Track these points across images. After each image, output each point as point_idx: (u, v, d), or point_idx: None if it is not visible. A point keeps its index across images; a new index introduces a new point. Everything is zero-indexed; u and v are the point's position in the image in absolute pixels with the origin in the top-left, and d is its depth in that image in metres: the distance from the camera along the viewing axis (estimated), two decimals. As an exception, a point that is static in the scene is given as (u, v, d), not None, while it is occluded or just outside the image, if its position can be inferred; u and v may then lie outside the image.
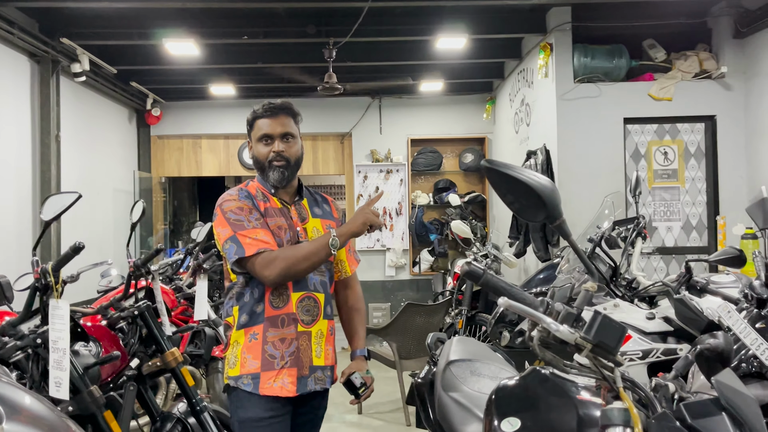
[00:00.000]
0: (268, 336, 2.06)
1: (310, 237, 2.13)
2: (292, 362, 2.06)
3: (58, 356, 2.24)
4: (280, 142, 2.11)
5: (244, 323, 2.09)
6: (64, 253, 2.26)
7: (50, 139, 5.45)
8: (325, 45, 5.75)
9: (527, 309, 1.22)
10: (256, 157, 2.14)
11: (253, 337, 2.07)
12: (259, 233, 2.04)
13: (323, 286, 2.16)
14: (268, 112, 2.12)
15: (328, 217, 2.25)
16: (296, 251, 2.03)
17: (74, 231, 6.01)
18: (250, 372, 2.05)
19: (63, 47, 5.60)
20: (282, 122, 2.12)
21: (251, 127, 2.16)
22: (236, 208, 2.07)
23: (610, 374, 1.27)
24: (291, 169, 2.14)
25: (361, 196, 8.09)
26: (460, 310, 5.59)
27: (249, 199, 2.09)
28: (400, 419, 4.84)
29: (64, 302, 2.26)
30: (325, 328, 2.16)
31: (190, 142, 8.34)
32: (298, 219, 2.16)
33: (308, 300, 2.11)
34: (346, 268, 2.33)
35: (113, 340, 3.15)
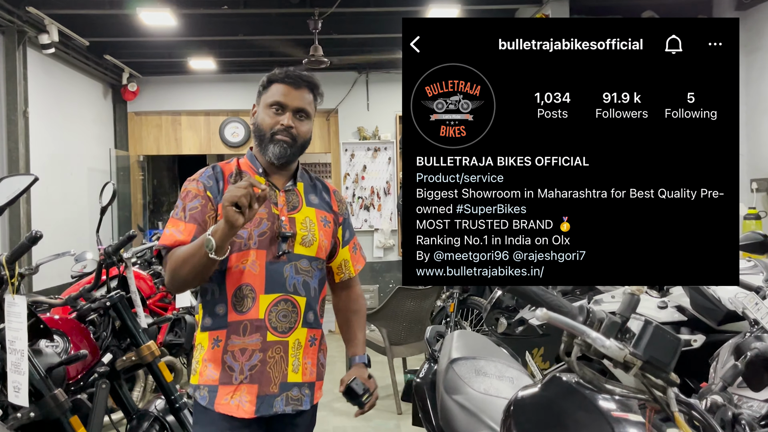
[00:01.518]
0: (230, 344, 1.74)
1: (300, 229, 1.80)
2: (253, 378, 1.73)
3: (15, 358, 2.00)
4: (293, 116, 1.80)
5: (207, 326, 1.78)
6: (20, 243, 2.01)
7: (17, 116, 5.12)
8: (309, 15, 5.45)
9: (569, 322, 1.01)
10: (258, 124, 1.82)
11: (215, 343, 1.76)
12: (179, 225, 1.74)
13: (305, 287, 1.81)
14: (290, 80, 1.81)
15: (326, 209, 1.91)
16: (177, 254, 1.68)
17: (46, 213, 5.71)
18: (207, 383, 1.75)
19: (29, 17, 5.25)
20: (302, 96, 1.82)
21: (264, 89, 1.84)
22: (186, 191, 1.80)
23: (662, 395, 1.07)
24: (295, 149, 1.82)
25: (347, 175, 7.85)
26: (452, 293, 5.40)
27: (210, 181, 1.79)
28: (391, 407, 4.67)
29: (20, 298, 2.01)
30: (304, 338, 1.81)
31: (169, 119, 8.00)
32: (285, 207, 1.82)
33: (284, 304, 1.76)
34: (350, 269, 2.00)
35: (83, 334, 2.91)
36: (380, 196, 7.87)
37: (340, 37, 6.23)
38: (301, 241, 1.79)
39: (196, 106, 7.90)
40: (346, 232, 1.98)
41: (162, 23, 5.57)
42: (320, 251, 1.84)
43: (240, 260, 1.73)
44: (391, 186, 7.87)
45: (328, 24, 5.58)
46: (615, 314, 1.08)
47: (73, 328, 2.88)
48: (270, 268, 1.75)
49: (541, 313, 0.99)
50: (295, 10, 5.48)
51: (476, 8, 5.70)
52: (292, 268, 1.78)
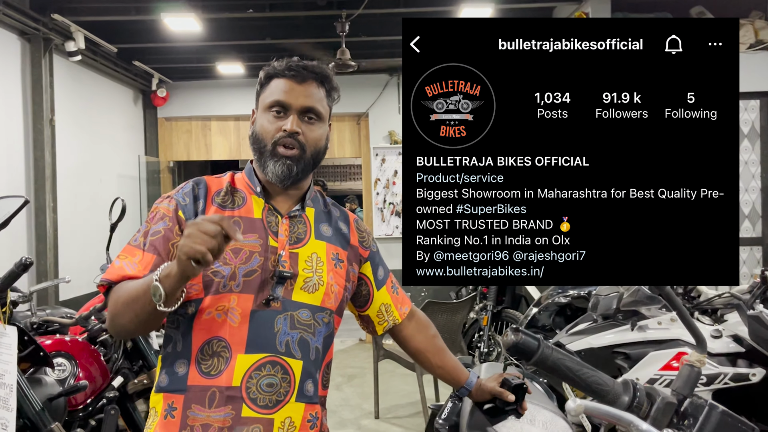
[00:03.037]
0: (189, 417, 1.29)
1: (303, 269, 1.38)
2: None
3: (4, 393, 1.86)
4: (298, 118, 1.39)
5: (163, 386, 1.35)
6: (9, 271, 1.87)
7: (43, 124, 5.08)
8: (337, 18, 5.28)
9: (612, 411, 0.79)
10: (257, 133, 1.42)
11: (170, 413, 1.31)
12: (135, 255, 1.33)
13: (303, 347, 1.36)
14: (292, 72, 1.41)
15: (340, 243, 1.48)
16: (119, 293, 1.28)
17: (73, 221, 5.68)
18: None
19: (55, 24, 5.21)
20: (308, 91, 1.41)
21: (262, 87, 1.46)
22: (155, 210, 1.40)
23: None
24: (303, 164, 1.40)
25: (378, 180, 7.66)
26: (485, 305, 5.18)
27: (187, 198, 1.39)
28: (420, 425, 4.47)
29: (11, 329, 1.88)
30: (300, 417, 1.35)
31: (199, 124, 7.94)
32: (287, 239, 1.40)
33: (271, 368, 1.32)
34: (394, 314, 1.59)
35: (93, 356, 2.78)
36: (412, 201, 7.66)
37: (370, 39, 6.05)
38: (303, 285, 1.37)
39: (226, 111, 7.82)
40: (379, 269, 1.58)
41: (187, 28, 5.47)
42: (327, 299, 1.41)
43: (215, 305, 1.32)
44: (423, 191, 7.65)
45: (356, 26, 5.41)
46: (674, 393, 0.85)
47: (82, 350, 2.76)
48: (255, 318, 1.32)
49: (574, 405, 0.77)
50: (321, 13, 5.33)
51: (511, 7, 5.45)
52: (287, 321, 1.35)
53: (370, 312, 1.59)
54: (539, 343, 0.89)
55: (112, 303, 1.30)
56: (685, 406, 0.87)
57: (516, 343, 0.89)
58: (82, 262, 5.71)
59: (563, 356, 0.91)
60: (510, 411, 1.69)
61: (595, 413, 0.78)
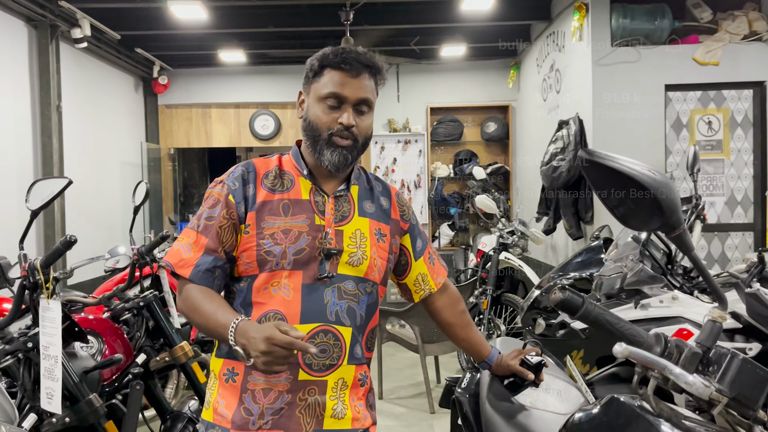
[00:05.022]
0: (250, 382, 1.43)
1: (348, 245, 1.49)
2: (277, 423, 1.42)
3: (49, 364, 1.97)
4: (353, 112, 1.47)
5: (223, 352, 1.48)
6: (55, 248, 1.97)
7: (51, 110, 5.14)
8: (341, 6, 5.35)
9: (651, 357, 0.91)
10: (311, 122, 1.49)
11: (231, 377, 1.46)
12: (190, 236, 1.47)
13: (351, 315, 1.48)
14: (347, 66, 1.45)
15: (382, 219, 1.58)
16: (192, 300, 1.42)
17: (80, 207, 5.75)
18: (221, 425, 1.45)
19: (62, 11, 5.25)
20: (363, 85, 1.47)
21: (315, 75, 1.50)
22: (209, 194, 1.51)
23: (748, 434, 0.96)
24: (357, 152, 1.50)
25: (377, 168, 7.76)
26: (485, 290, 5.29)
27: (237, 182, 1.49)
28: (423, 405, 4.60)
29: (55, 303, 1.97)
30: (351, 377, 1.48)
31: (199, 112, 8.00)
32: (333, 217, 1.50)
33: (324, 335, 1.44)
34: (430, 284, 1.68)
35: (117, 334, 2.88)
36: (411, 189, 7.77)
37: (372, 27, 6.12)
38: (348, 260, 1.48)
39: (226, 99, 7.88)
40: (417, 241, 1.67)
41: (192, 16, 5.52)
42: (371, 271, 1.51)
43: (269, 281, 1.44)
44: (422, 179, 7.76)
45: (359, 15, 5.48)
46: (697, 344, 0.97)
47: (107, 329, 2.86)
48: (307, 292, 1.44)
49: (621, 349, 0.89)
50: (325, 1, 5.40)
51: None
52: (335, 292, 1.46)
53: (407, 281, 1.68)
54: (583, 300, 1.01)
55: (183, 300, 1.45)
56: (710, 356, 0.99)
57: (563, 300, 1.00)
58: (88, 247, 5.78)
59: (603, 311, 1.03)
60: (528, 384, 1.82)
61: (636, 357, 0.90)
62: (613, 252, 3.05)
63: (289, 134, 7.98)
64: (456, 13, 5.84)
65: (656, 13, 4.90)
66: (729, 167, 4.93)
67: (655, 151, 4.83)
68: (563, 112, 5.53)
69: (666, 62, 4.85)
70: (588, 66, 4.91)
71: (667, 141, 4.91)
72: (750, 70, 4.84)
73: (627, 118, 4.84)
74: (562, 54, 5.64)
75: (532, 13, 6.06)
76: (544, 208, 5.55)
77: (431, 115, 7.79)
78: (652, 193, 0.94)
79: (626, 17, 4.87)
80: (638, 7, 4.91)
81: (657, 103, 4.88)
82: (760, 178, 4.89)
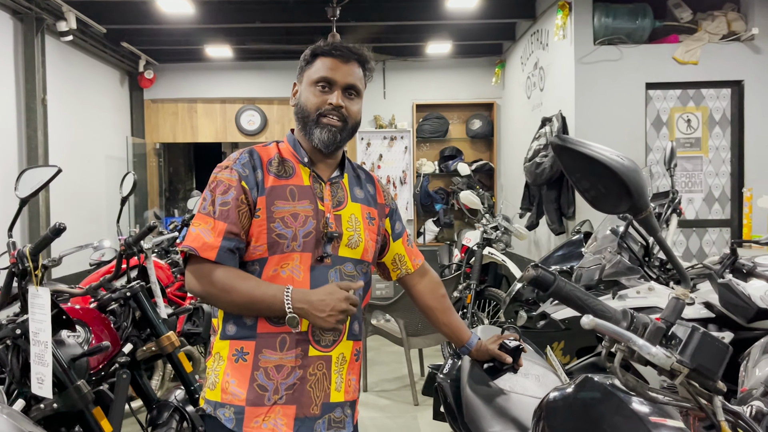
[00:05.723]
0: (261, 360, 1.50)
1: (346, 228, 1.58)
2: (291, 398, 1.50)
3: (39, 350, 2.00)
4: (342, 94, 1.57)
5: (230, 334, 1.54)
6: (44, 235, 2.00)
7: (36, 103, 5.12)
8: (328, 3, 5.39)
9: (616, 329, 0.97)
10: (302, 104, 1.59)
11: (241, 357, 1.52)
12: (208, 222, 1.50)
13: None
14: (338, 52, 1.57)
15: (371, 204, 1.69)
16: (232, 282, 1.47)
17: (64, 200, 5.74)
18: (233, 403, 1.50)
19: (47, 4, 5.24)
20: (352, 70, 1.58)
21: (307, 64, 1.61)
22: (217, 180, 1.55)
23: (708, 404, 1.03)
24: (345, 134, 1.60)
25: (363, 164, 7.80)
26: (469, 284, 5.37)
27: (246, 169, 1.54)
28: (407, 397, 4.66)
29: (44, 290, 2.00)
30: (349, 352, 1.60)
31: (185, 107, 7.99)
32: (331, 203, 1.59)
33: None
34: (407, 264, 1.80)
35: (104, 324, 2.91)
36: (396, 185, 7.83)
37: (358, 24, 6.16)
38: (347, 242, 1.58)
39: (212, 94, 7.88)
40: (397, 224, 1.79)
41: (179, 10, 5.53)
42: (366, 253, 1.63)
43: (281, 263, 1.51)
44: (407, 175, 7.82)
45: (346, 11, 5.52)
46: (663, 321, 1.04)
47: (94, 318, 2.88)
48: (314, 273, 1.53)
49: (588, 320, 0.95)
50: (312, -3, 5.43)
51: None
52: (337, 273, 1.56)
53: (385, 260, 1.80)
54: (555, 276, 1.07)
55: (210, 283, 1.48)
56: (672, 331, 1.05)
57: (536, 276, 1.06)
58: (73, 240, 5.76)
59: (574, 288, 1.09)
60: (507, 369, 1.89)
61: (602, 329, 0.95)
62: (593, 245, 3.13)
63: (275, 129, 8.00)
64: (442, 11, 5.90)
65: (638, 13, 4.99)
66: (707, 164, 5.04)
67: (636, 147, 4.93)
68: (547, 109, 5.62)
69: (647, 61, 4.95)
70: (571, 64, 5.00)
71: (647, 138, 5.00)
72: (728, 69, 4.95)
73: (609, 115, 4.93)
74: (546, 52, 5.72)
75: (517, 11, 6.14)
76: (528, 204, 5.64)
77: (417, 112, 7.85)
78: (621, 177, 1.01)
79: (608, 16, 4.96)
80: (620, 7, 5.00)
81: (638, 101, 4.97)
82: (737, 175, 5.01)
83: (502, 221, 5.79)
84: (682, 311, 1.05)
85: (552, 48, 5.52)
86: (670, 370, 0.99)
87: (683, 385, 1.02)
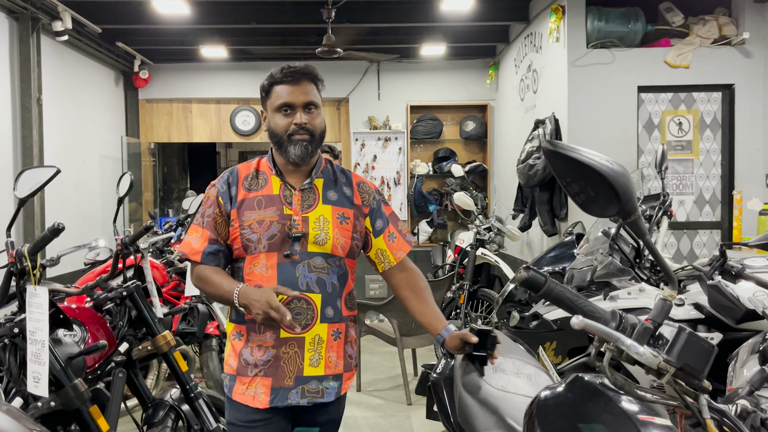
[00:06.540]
0: (250, 341, 1.87)
1: (312, 228, 1.84)
2: (268, 371, 1.84)
3: (36, 349, 2.02)
4: (303, 112, 1.85)
5: (233, 318, 1.92)
6: (42, 235, 2.02)
7: (31, 103, 5.13)
8: (322, 4, 5.41)
9: (605, 329, 1.00)
10: (273, 129, 1.87)
11: (237, 337, 1.90)
12: (197, 231, 1.90)
13: (320, 285, 1.85)
14: (289, 78, 1.84)
15: (344, 204, 1.92)
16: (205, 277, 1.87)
17: (60, 200, 5.74)
18: (228, 372, 1.90)
19: (43, 4, 5.24)
20: (304, 89, 1.86)
21: (267, 95, 1.89)
22: (206, 196, 1.93)
23: (694, 402, 1.06)
24: (315, 143, 1.88)
25: (358, 165, 7.83)
26: (462, 285, 5.41)
27: (224, 186, 1.89)
28: (400, 397, 4.69)
29: (42, 289, 2.02)
30: (325, 333, 1.86)
31: (180, 107, 7.99)
32: (300, 206, 1.87)
33: (297, 302, 1.82)
34: (389, 257, 1.99)
35: (100, 323, 2.92)
36: (390, 186, 7.86)
37: (353, 26, 6.19)
38: (314, 240, 1.84)
39: (207, 94, 7.88)
40: (377, 221, 1.98)
41: (175, 11, 5.54)
42: (336, 249, 1.87)
43: (253, 262, 1.84)
44: (401, 176, 7.86)
45: (341, 13, 5.55)
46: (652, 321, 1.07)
47: (90, 318, 2.89)
48: (281, 268, 1.82)
49: (577, 321, 0.98)
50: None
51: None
52: (305, 267, 1.84)
53: (370, 254, 2.01)
54: (546, 278, 1.10)
55: (196, 278, 1.89)
56: (660, 331, 1.09)
57: (527, 278, 1.10)
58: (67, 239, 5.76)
59: (565, 289, 1.12)
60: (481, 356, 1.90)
61: (592, 329, 0.99)
62: (584, 246, 3.17)
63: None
64: (436, 13, 5.93)
65: (630, 17, 5.04)
66: (698, 167, 5.09)
67: (628, 150, 4.98)
68: (540, 111, 5.66)
69: (639, 64, 5.00)
70: (564, 67, 5.04)
71: (639, 141, 5.05)
72: (719, 73, 5.01)
73: (601, 117, 4.98)
74: (539, 55, 5.77)
75: (511, 14, 6.18)
76: (521, 205, 5.68)
77: (411, 113, 7.88)
78: (609, 181, 1.04)
79: (601, 20, 5.00)
80: (613, 11, 5.05)
81: (630, 104, 5.02)
82: (727, 178, 5.06)
83: (495, 222, 5.83)
84: (670, 312, 1.08)
85: (545, 51, 5.56)
86: (657, 369, 1.02)
87: (670, 384, 1.05)
